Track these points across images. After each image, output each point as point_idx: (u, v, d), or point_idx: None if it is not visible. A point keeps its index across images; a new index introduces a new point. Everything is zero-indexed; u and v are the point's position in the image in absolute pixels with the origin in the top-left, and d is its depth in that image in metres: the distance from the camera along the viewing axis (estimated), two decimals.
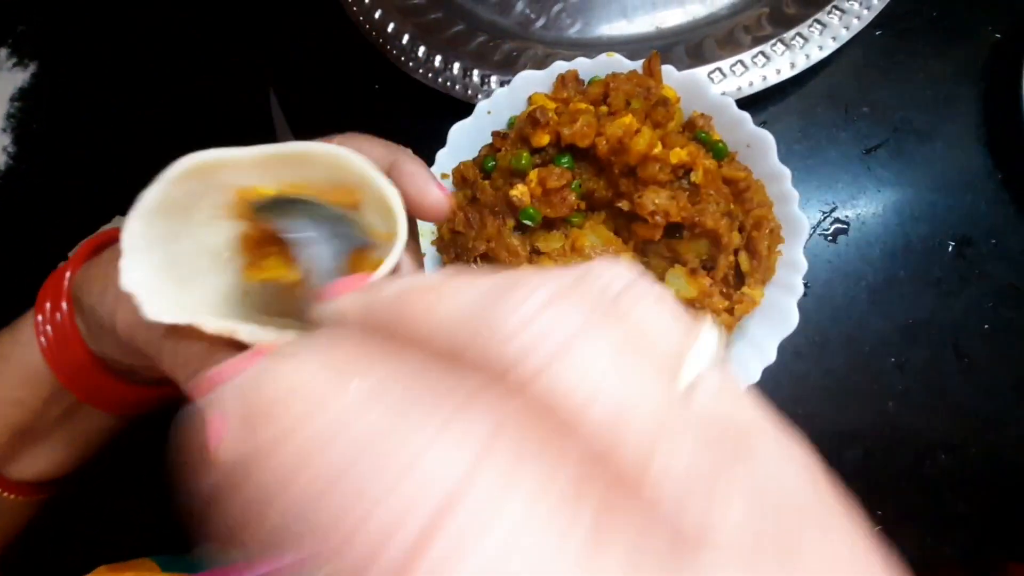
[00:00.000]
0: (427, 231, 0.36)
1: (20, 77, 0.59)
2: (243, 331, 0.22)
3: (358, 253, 0.23)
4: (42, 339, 0.28)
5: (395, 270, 0.22)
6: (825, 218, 0.44)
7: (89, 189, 0.54)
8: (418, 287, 0.11)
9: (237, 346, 0.22)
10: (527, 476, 0.09)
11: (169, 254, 0.23)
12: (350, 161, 0.22)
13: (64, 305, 0.28)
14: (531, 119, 0.32)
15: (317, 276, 0.19)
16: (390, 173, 0.24)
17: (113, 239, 0.30)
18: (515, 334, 0.10)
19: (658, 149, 0.30)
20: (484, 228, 0.33)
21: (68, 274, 0.28)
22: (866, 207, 0.44)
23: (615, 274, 0.11)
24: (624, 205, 0.32)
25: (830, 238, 0.44)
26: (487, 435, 0.09)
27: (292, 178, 0.23)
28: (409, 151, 0.26)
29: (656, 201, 0.30)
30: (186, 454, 0.11)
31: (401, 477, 0.09)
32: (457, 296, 0.11)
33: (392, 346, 0.11)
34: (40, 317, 0.28)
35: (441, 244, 0.36)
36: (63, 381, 0.28)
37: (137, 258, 0.22)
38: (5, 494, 0.30)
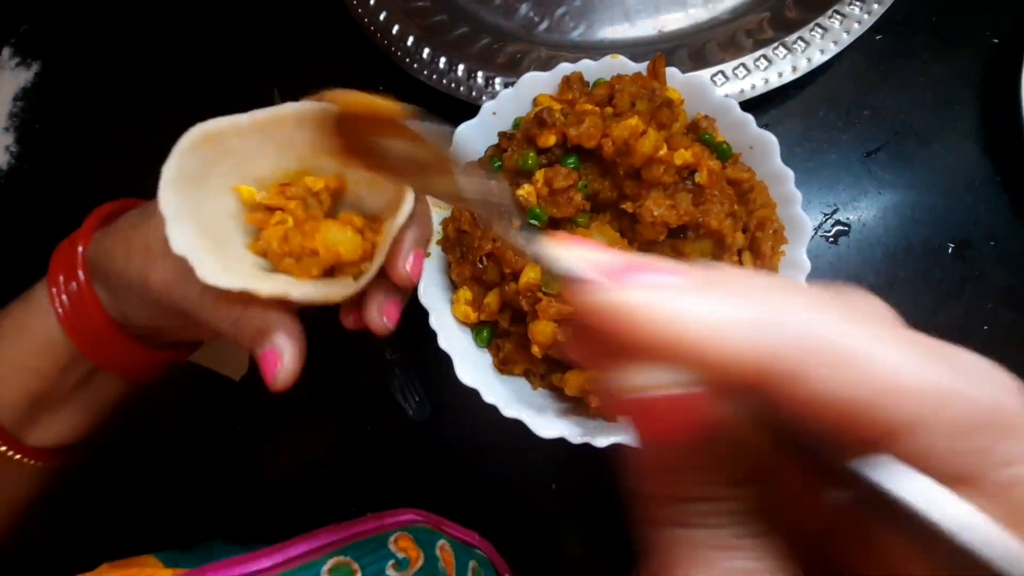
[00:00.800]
0: (433, 231, 0.36)
1: (23, 77, 0.59)
2: (295, 292, 0.23)
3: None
4: (59, 308, 0.28)
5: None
6: (827, 220, 0.44)
7: (91, 187, 0.54)
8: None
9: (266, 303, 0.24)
10: None
11: (199, 221, 0.24)
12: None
13: (80, 274, 0.28)
14: (538, 120, 0.33)
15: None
16: None
17: (117, 210, 0.31)
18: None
19: (663, 151, 0.31)
20: (490, 228, 0.33)
21: (80, 248, 0.29)
22: (867, 209, 0.44)
23: None
24: (628, 207, 0.32)
25: (831, 240, 0.44)
26: None
27: (288, 138, 0.25)
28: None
29: (656, 212, 0.30)
30: None
31: None
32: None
33: None
34: (54, 289, 0.28)
35: (447, 244, 0.36)
36: (81, 347, 0.29)
37: (177, 225, 0.23)
38: (25, 460, 0.31)
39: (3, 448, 0.30)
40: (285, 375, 0.25)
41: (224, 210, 0.26)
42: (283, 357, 0.25)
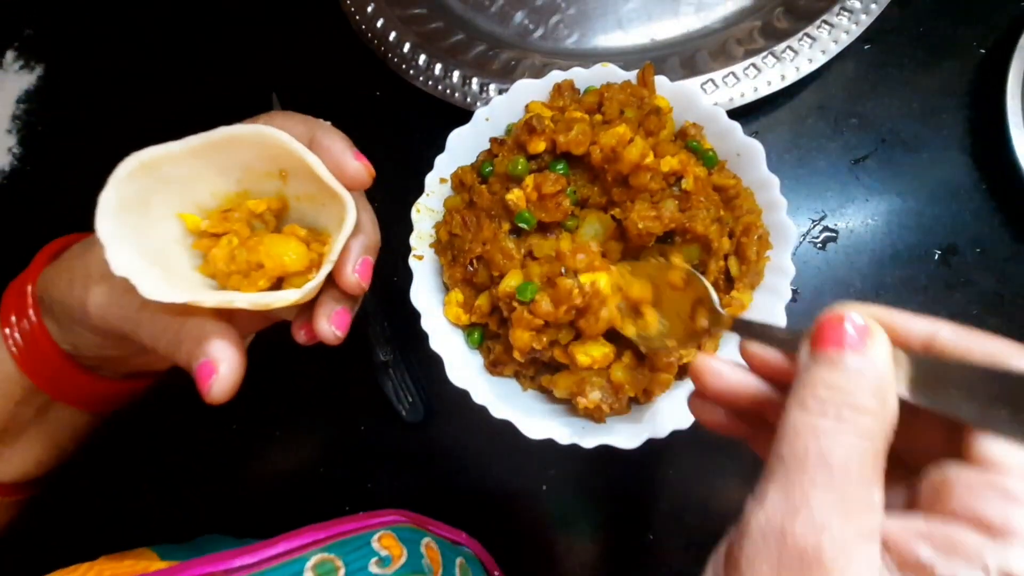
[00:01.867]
0: (425, 234, 0.37)
1: (26, 79, 0.60)
2: (240, 300, 0.24)
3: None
4: (12, 348, 0.29)
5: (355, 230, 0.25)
6: (815, 226, 0.45)
7: (92, 190, 0.55)
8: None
9: (217, 313, 0.25)
10: None
11: (142, 246, 0.25)
12: (274, 137, 0.24)
13: (31, 313, 0.29)
14: (528, 126, 0.33)
15: None
16: (311, 146, 0.26)
17: (65, 245, 0.32)
18: None
19: (650, 159, 0.31)
20: (480, 231, 0.34)
21: (29, 287, 0.29)
22: (855, 216, 0.45)
23: None
24: (616, 213, 0.33)
25: (820, 246, 0.45)
26: None
27: (225, 162, 0.26)
28: (328, 124, 0.27)
29: (640, 225, 0.31)
30: None
31: None
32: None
33: None
34: (7, 329, 0.29)
35: (439, 246, 0.37)
36: (36, 381, 0.29)
37: (117, 248, 0.24)
38: None
39: None
40: (220, 386, 0.23)
41: (169, 236, 0.26)
42: (219, 367, 0.23)
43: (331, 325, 0.26)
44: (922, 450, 0.20)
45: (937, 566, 0.15)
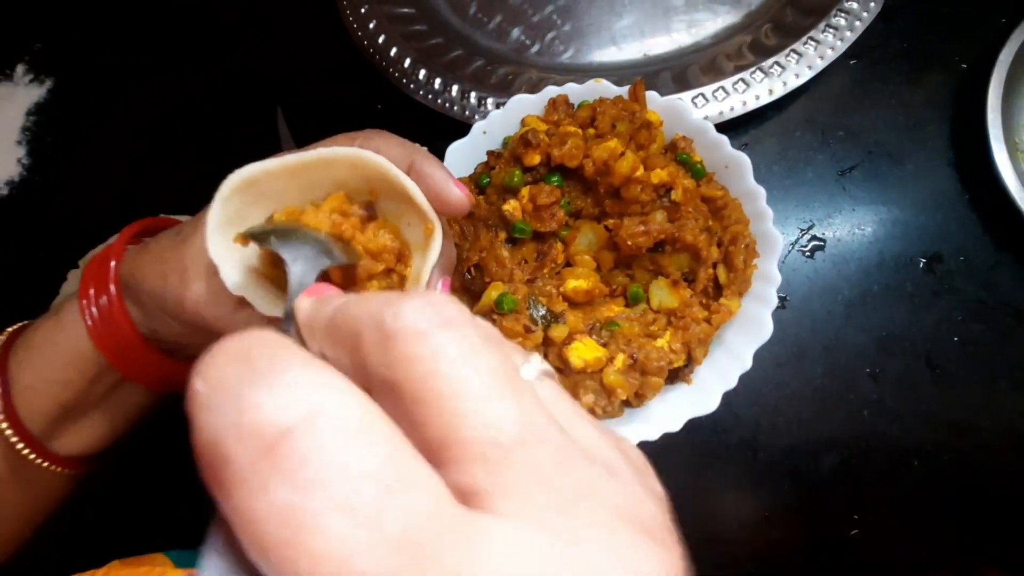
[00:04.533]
0: None
1: (36, 92, 0.62)
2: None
3: (343, 269, 0.26)
4: (88, 321, 0.30)
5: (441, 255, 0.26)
6: (803, 235, 0.46)
7: (100, 200, 0.56)
8: (347, 303, 0.14)
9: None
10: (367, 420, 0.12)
11: (242, 259, 0.26)
12: (372, 161, 0.25)
13: (112, 288, 0.30)
14: (523, 140, 0.35)
15: (293, 286, 0.22)
16: (409, 173, 0.27)
17: (148, 227, 0.33)
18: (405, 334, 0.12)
19: (640, 172, 0.33)
20: (478, 240, 0.35)
21: (113, 263, 0.30)
22: (842, 225, 0.46)
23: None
24: (609, 223, 0.34)
25: (808, 254, 0.46)
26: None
27: (317, 179, 0.26)
28: (425, 150, 0.29)
29: (630, 243, 0.33)
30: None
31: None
32: (373, 299, 0.13)
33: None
34: (85, 301, 0.30)
35: None
36: (110, 359, 0.31)
37: (229, 268, 0.25)
38: (52, 467, 0.32)
39: (32, 456, 0.31)
40: None
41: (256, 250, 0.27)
42: None
43: None
44: None
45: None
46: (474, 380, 0.12)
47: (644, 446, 0.34)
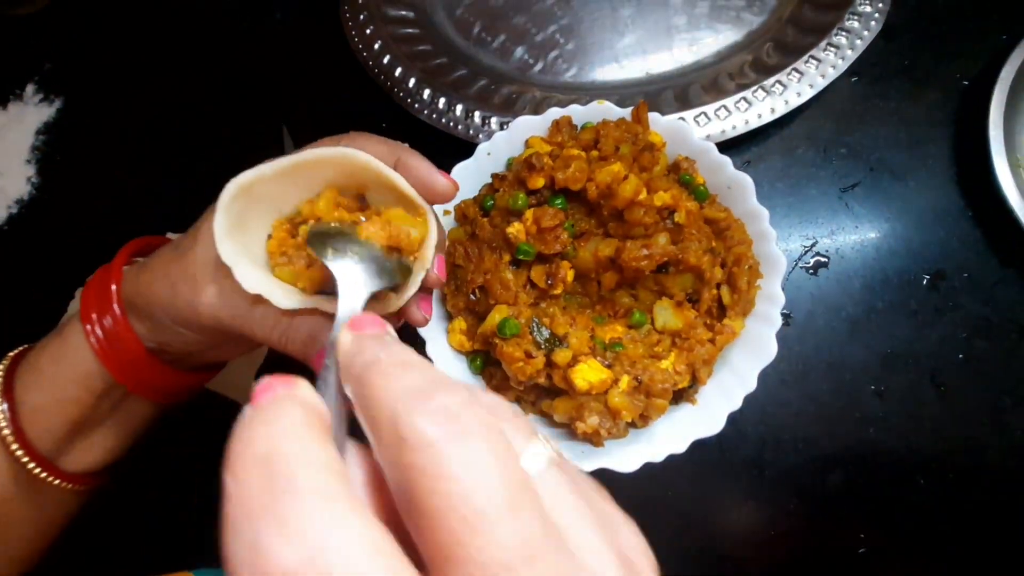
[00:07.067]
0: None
1: (46, 112, 0.63)
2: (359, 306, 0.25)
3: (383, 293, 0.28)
4: (94, 343, 0.31)
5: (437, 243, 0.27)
6: (806, 252, 0.46)
7: (108, 218, 0.57)
8: (378, 365, 0.15)
9: (319, 310, 0.28)
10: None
11: (253, 260, 0.28)
12: (360, 158, 0.27)
13: (116, 309, 0.31)
14: (527, 164, 0.35)
15: (341, 313, 0.23)
16: (396, 166, 0.28)
17: (143, 247, 0.34)
18: (423, 427, 0.13)
19: (643, 195, 0.33)
20: (482, 262, 0.35)
21: (113, 285, 0.31)
22: (844, 242, 0.46)
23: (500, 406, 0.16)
24: (609, 253, 0.35)
25: (811, 271, 0.46)
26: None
27: (310, 179, 0.28)
28: (407, 146, 0.30)
29: (633, 265, 0.33)
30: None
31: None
32: (398, 382, 0.14)
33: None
34: (88, 326, 0.31)
35: None
36: (117, 376, 0.31)
37: (243, 269, 0.26)
38: (62, 484, 0.33)
39: (44, 474, 0.32)
40: None
41: (262, 245, 0.29)
42: None
43: (421, 311, 0.31)
44: None
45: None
46: (477, 498, 0.12)
47: (649, 466, 0.34)
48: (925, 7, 0.51)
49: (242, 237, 0.27)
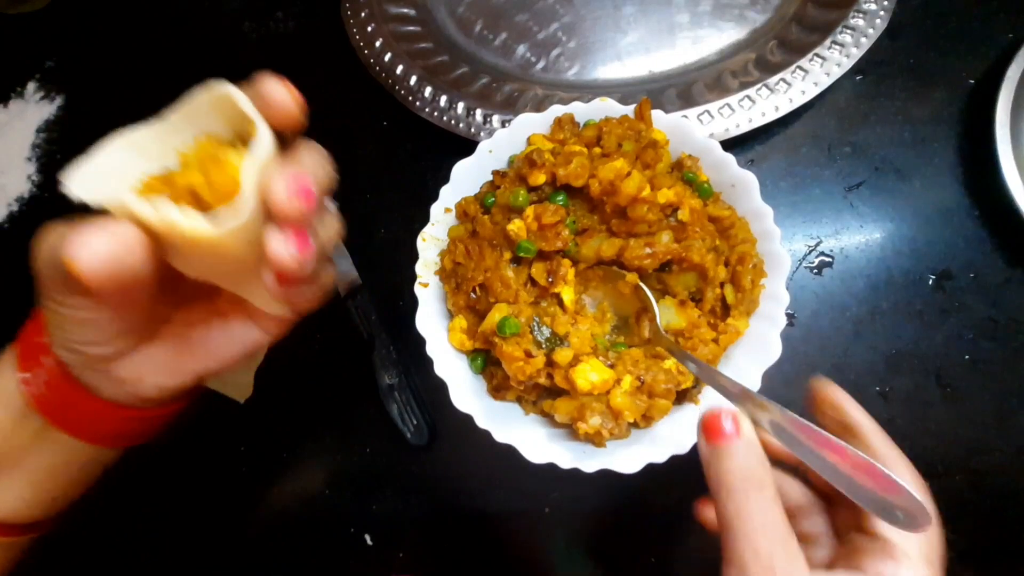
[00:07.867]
0: (431, 262, 0.38)
1: (47, 110, 0.62)
2: (174, 215, 0.23)
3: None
4: (33, 398, 0.27)
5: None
6: (810, 252, 0.46)
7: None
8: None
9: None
10: None
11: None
12: (218, 90, 0.26)
13: (49, 361, 0.27)
14: (528, 160, 0.35)
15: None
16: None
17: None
18: None
19: (647, 192, 0.33)
20: (483, 260, 0.35)
21: (41, 339, 0.28)
22: (849, 241, 0.46)
23: None
24: (611, 254, 0.34)
25: (816, 271, 0.46)
26: None
27: (187, 131, 0.27)
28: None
29: (635, 264, 0.34)
30: None
31: None
32: None
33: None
34: (25, 387, 0.27)
35: (443, 274, 0.38)
36: (58, 423, 0.27)
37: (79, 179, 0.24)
38: None
39: None
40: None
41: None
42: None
43: (287, 244, 0.22)
44: (842, 525, 0.30)
45: None
46: None
47: (652, 466, 0.34)
48: (931, 5, 0.50)
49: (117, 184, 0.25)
